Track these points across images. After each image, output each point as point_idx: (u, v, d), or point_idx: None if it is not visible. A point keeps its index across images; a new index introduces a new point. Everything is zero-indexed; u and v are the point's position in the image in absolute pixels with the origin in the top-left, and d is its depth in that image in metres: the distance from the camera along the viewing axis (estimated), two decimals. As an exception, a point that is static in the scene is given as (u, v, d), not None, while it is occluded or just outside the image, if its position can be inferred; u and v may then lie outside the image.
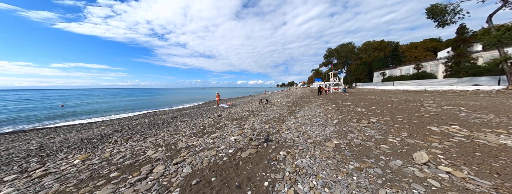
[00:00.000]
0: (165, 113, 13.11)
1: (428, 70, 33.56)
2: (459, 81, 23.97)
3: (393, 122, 4.79)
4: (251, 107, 11.38)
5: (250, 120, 6.41)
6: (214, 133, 4.83)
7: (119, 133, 6.30)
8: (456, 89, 18.74)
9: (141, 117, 11.66)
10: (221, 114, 9.25)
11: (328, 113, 6.77)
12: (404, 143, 3.12)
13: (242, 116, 7.76)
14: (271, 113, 7.72)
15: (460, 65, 25.96)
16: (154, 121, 8.49)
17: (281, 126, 4.87)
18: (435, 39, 54.97)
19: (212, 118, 8.22)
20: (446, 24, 17.48)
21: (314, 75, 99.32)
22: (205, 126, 6.26)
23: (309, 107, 9.02)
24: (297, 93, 27.15)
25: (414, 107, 7.76)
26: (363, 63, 53.98)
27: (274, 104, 11.56)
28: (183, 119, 8.70)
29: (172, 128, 6.77)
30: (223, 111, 10.87)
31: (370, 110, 6.97)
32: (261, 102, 12.95)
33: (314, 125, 4.75)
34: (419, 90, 22.62)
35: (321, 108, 8.32)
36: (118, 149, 4.21)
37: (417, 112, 6.31)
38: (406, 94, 16.24)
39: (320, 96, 16.72)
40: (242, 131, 4.56)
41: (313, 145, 3.19)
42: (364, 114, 6.21)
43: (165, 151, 3.64)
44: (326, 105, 9.46)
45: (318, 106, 9.26)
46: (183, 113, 11.69)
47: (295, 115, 6.77)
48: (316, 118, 5.85)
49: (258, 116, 7.07)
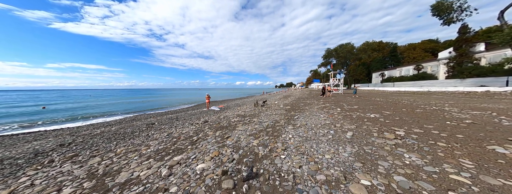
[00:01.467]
0: (146, 118, 11.64)
1: (429, 71, 32.79)
2: (462, 82, 23.10)
3: (429, 136, 3.49)
4: (245, 110, 10.02)
5: (237, 130, 5.04)
6: (181, 153, 3.45)
7: (65, 148, 4.85)
8: (463, 90, 17.74)
9: (115, 123, 10.14)
10: (208, 120, 7.87)
11: (336, 120, 5.45)
12: (484, 186, 1.81)
13: (230, 122, 6.39)
14: (266, 119, 6.37)
15: (462, 66, 25.15)
16: (122, 130, 7.04)
17: (275, 143, 3.51)
18: (434, 40, 54.70)
19: (194, 125, 6.84)
20: (452, 22, 16.52)
21: (313, 76, 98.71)
22: (179, 138, 4.88)
23: (310, 111, 7.70)
24: (296, 94, 25.88)
25: (433, 111, 6.52)
26: (362, 64, 53.24)
27: (271, 107, 10.22)
28: (160, 127, 7.28)
29: (140, 139, 5.36)
30: (212, 115, 9.48)
31: (386, 117, 5.68)
32: (257, 105, 11.62)
33: (322, 142, 3.41)
34: (422, 91, 21.62)
35: (325, 112, 7.01)
36: (32, 181, 2.80)
37: (446, 119, 5.05)
38: (411, 96, 15.12)
39: (322, 97, 15.41)
40: (218, 152, 3.18)
41: (329, 191, 1.85)
42: (382, 122, 4.91)
43: (89, 191, 2.25)
44: (330, 108, 8.16)
45: (320, 110, 7.95)
46: (166, 117, 10.24)
47: (295, 122, 5.43)
48: (322, 128, 4.52)
49: (249, 124, 5.71)
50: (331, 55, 39.47)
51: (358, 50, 38.37)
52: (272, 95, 31.39)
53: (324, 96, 15.84)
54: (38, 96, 55.71)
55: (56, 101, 33.61)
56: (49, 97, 49.20)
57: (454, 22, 16.48)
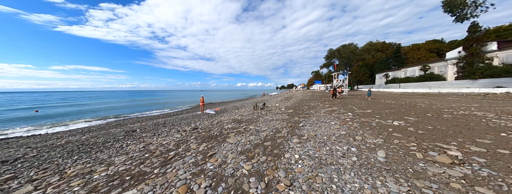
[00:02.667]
0: (133, 122, 10.59)
1: (436, 71, 31.48)
2: (473, 83, 21.83)
3: (502, 159, 2.38)
4: (242, 114, 8.94)
5: (228, 142, 3.96)
6: (138, 183, 2.36)
7: (6, 165, 3.80)
8: (478, 92, 16.49)
9: (95, 129, 9.06)
10: (198, 126, 6.81)
11: (352, 129, 4.34)
12: None
13: (222, 130, 5.32)
14: (264, 126, 5.28)
15: (473, 66, 23.89)
16: (94, 139, 5.97)
17: (275, 170, 2.41)
18: (438, 41, 53.39)
19: (181, 133, 5.77)
20: (466, 18, 15.38)
21: (314, 77, 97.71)
22: (153, 153, 3.82)
23: (317, 116, 6.59)
24: (298, 95, 24.73)
25: (465, 117, 5.38)
26: (365, 65, 51.94)
27: (271, 110, 9.12)
28: (140, 135, 6.22)
29: (108, 153, 4.31)
30: (205, 120, 8.41)
31: (414, 125, 4.56)
32: (256, 107, 10.52)
33: (345, 169, 2.31)
34: (433, 93, 20.39)
35: (335, 118, 5.89)
36: None
37: (493, 128, 3.92)
38: (423, 98, 13.92)
39: (333, 99, 14.08)
40: (186, 188, 2.09)
41: None
42: (414, 133, 3.79)
43: None
44: (339, 113, 7.04)
45: (328, 114, 6.84)
46: (153, 123, 9.18)
47: (300, 132, 4.34)
48: (337, 142, 3.41)
49: (243, 134, 4.62)
50: (333, 55, 38.26)
51: (361, 50, 37.16)
52: (273, 97, 30.31)
53: (335, 98, 14.49)
54: (38, 97, 55.31)
55: (53, 103, 32.86)
56: (48, 99, 48.61)
57: (468, 19, 15.35)
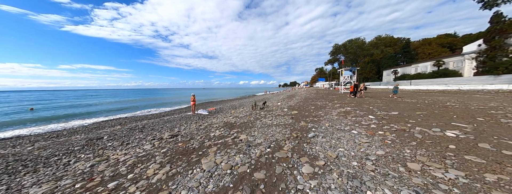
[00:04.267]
0: (112, 125, 9.33)
1: (451, 67, 29.30)
2: (495, 79, 19.80)
3: None
4: (238, 115, 7.56)
5: (203, 164, 2.57)
6: None
7: None
8: (508, 88, 14.62)
9: (57, 135, 7.78)
10: (181, 132, 5.48)
11: (388, 144, 2.89)
12: None
13: (204, 141, 3.93)
14: (260, 136, 3.86)
15: (495, 60, 21.76)
16: (38, 152, 4.67)
17: None
18: (451, 35, 50.44)
19: (152, 143, 4.43)
20: (496, 4, 13.42)
21: (318, 75, 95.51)
22: (91, 180, 2.46)
23: (329, 120, 5.14)
24: (301, 93, 23.13)
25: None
26: (371, 61, 49.56)
27: (272, 111, 7.70)
28: (104, 144, 4.90)
29: (36, 177, 2.98)
30: (193, 123, 7.06)
31: (477, 135, 3.07)
32: (255, 107, 9.09)
33: None
34: (452, 90, 18.53)
35: (354, 123, 4.43)
36: None
37: None
38: (446, 95, 12.22)
39: (353, 98, 11.89)
40: None
41: None
42: (499, 154, 2.33)
43: None
44: (356, 115, 5.55)
45: (343, 117, 5.37)
46: (130, 127, 7.86)
47: (312, 150, 2.91)
48: (379, 175, 1.98)
49: (229, 149, 3.22)
50: (339, 51, 36.12)
51: (369, 45, 34.93)
52: (274, 95, 28.83)
53: (358, 96, 12.09)
54: (42, 96, 55.61)
55: (53, 101, 32.18)
56: (50, 97, 48.39)
57: (498, 5, 13.40)
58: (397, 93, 11.29)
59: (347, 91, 20.62)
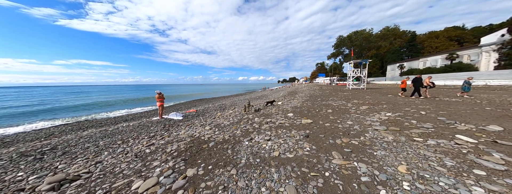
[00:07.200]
0: (61, 131, 6.75)
1: (465, 60, 26.98)
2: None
3: None
4: (223, 122, 5.08)
5: None
6: None
7: None
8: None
9: None
10: (101, 161, 3.00)
11: None
12: None
13: None
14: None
15: (521, 52, 19.48)
16: None
17: None
18: (459, 28, 47.85)
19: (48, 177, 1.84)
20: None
21: (318, 70, 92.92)
22: None
23: (378, 142, 2.72)
24: (304, 90, 20.62)
25: None
26: (375, 55, 46.96)
27: (271, 115, 5.22)
28: None
29: None
30: (139, 142, 4.47)
31: None
32: (248, 108, 6.54)
33: None
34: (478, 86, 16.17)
35: (425, 146, 2.02)
36: None
37: None
38: (481, 92, 9.87)
39: (412, 98, 8.02)
40: None
41: None
42: None
43: None
44: (411, 125, 3.14)
45: (385, 127, 2.95)
46: (64, 139, 5.34)
47: None
48: None
49: None
50: (343, 43, 33.35)
51: (376, 37, 32.24)
52: (274, 92, 26.29)
53: (424, 95, 8.31)
54: (36, 92, 52.05)
55: (40, 98, 28.85)
56: (40, 93, 44.86)
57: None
58: (469, 90, 7.95)
59: (356, 87, 18.03)
